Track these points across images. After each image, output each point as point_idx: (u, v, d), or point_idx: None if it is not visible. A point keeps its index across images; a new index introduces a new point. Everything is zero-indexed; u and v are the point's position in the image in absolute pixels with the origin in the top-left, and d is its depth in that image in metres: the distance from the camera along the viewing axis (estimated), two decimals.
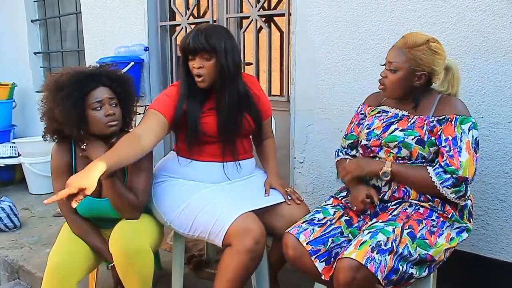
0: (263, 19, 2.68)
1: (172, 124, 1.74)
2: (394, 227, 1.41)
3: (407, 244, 1.38)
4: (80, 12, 3.71)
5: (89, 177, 1.40)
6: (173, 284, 1.92)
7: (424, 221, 1.46)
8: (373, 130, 1.61)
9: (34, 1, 4.34)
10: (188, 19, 3.05)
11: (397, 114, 1.61)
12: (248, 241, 1.53)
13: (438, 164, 1.47)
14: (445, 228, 1.48)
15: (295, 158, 2.48)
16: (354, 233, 1.55)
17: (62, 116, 1.64)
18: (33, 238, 2.88)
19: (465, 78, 1.86)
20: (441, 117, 1.51)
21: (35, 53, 4.41)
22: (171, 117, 1.72)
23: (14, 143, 3.95)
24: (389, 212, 1.52)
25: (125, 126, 1.83)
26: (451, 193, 1.45)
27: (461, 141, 1.45)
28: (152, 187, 1.83)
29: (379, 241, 1.35)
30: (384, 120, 1.62)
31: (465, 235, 1.52)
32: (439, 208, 1.49)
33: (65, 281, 1.61)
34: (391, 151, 1.55)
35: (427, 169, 1.47)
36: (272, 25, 2.86)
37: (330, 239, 1.52)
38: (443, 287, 1.76)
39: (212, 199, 1.67)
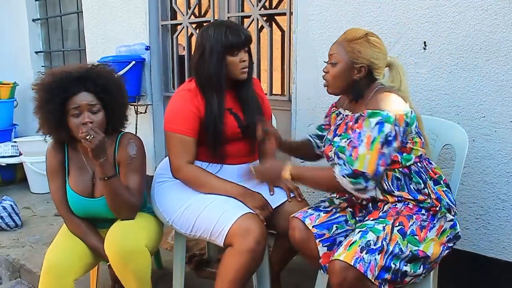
0: (264, 18, 2.68)
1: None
2: (384, 224, 1.41)
3: (397, 241, 1.38)
4: (81, 11, 3.72)
5: (258, 195, 1.68)
6: (174, 283, 1.92)
7: (414, 216, 1.45)
8: (327, 137, 1.64)
9: (35, 1, 4.34)
10: (189, 18, 3.05)
11: (343, 116, 1.63)
12: (249, 241, 1.53)
13: None
14: (436, 221, 1.46)
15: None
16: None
17: (42, 119, 1.67)
18: (34, 237, 2.88)
19: (466, 78, 1.86)
20: (359, 115, 1.50)
21: (36, 52, 4.42)
22: (198, 132, 1.73)
23: (15, 142, 3.95)
24: (379, 209, 1.51)
25: (118, 127, 1.80)
26: (349, 183, 1.39)
27: (364, 135, 1.41)
28: (151, 187, 1.83)
29: (368, 241, 1.35)
30: (336, 123, 1.64)
31: (458, 228, 1.49)
32: (427, 202, 1.46)
33: (62, 279, 1.61)
34: (335, 161, 1.52)
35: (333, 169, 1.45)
36: (274, 24, 2.86)
37: (334, 226, 1.54)
38: (444, 286, 1.76)
39: (214, 199, 1.67)
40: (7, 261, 2.61)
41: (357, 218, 1.58)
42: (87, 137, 1.53)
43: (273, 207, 1.71)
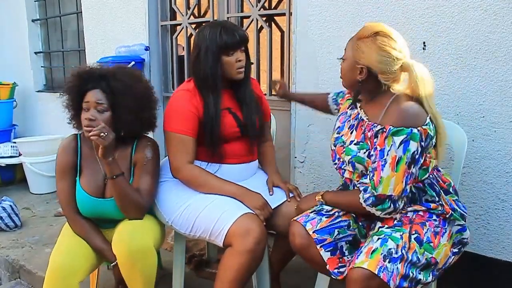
0: (264, 18, 2.68)
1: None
2: (401, 233, 1.38)
3: (415, 250, 1.36)
4: (81, 12, 3.72)
5: (257, 195, 1.68)
6: (173, 283, 1.92)
7: (427, 223, 1.43)
8: (341, 135, 1.58)
9: (35, 1, 4.34)
10: (189, 18, 3.05)
11: (358, 115, 1.55)
12: (249, 241, 1.53)
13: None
14: (447, 226, 1.46)
15: (295, 157, 2.47)
16: (361, 230, 1.54)
17: (65, 105, 1.76)
18: (34, 237, 2.88)
19: (465, 78, 1.86)
20: (379, 129, 1.40)
21: (36, 53, 4.42)
22: (197, 132, 1.74)
23: (15, 142, 3.95)
24: (392, 217, 1.47)
25: (127, 130, 1.76)
26: (376, 211, 1.40)
27: (387, 154, 1.35)
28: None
29: (390, 249, 1.32)
30: (350, 120, 1.58)
31: (466, 234, 1.48)
32: (439, 210, 1.46)
33: (67, 281, 1.61)
34: (349, 169, 1.51)
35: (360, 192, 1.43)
36: (273, 24, 2.86)
37: (336, 230, 1.50)
38: (444, 287, 1.76)
39: (213, 199, 1.67)
40: (7, 261, 2.60)
41: (360, 223, 1.56)
42: (101, 135, 1.55)
43: (272, 207, 1.71)
